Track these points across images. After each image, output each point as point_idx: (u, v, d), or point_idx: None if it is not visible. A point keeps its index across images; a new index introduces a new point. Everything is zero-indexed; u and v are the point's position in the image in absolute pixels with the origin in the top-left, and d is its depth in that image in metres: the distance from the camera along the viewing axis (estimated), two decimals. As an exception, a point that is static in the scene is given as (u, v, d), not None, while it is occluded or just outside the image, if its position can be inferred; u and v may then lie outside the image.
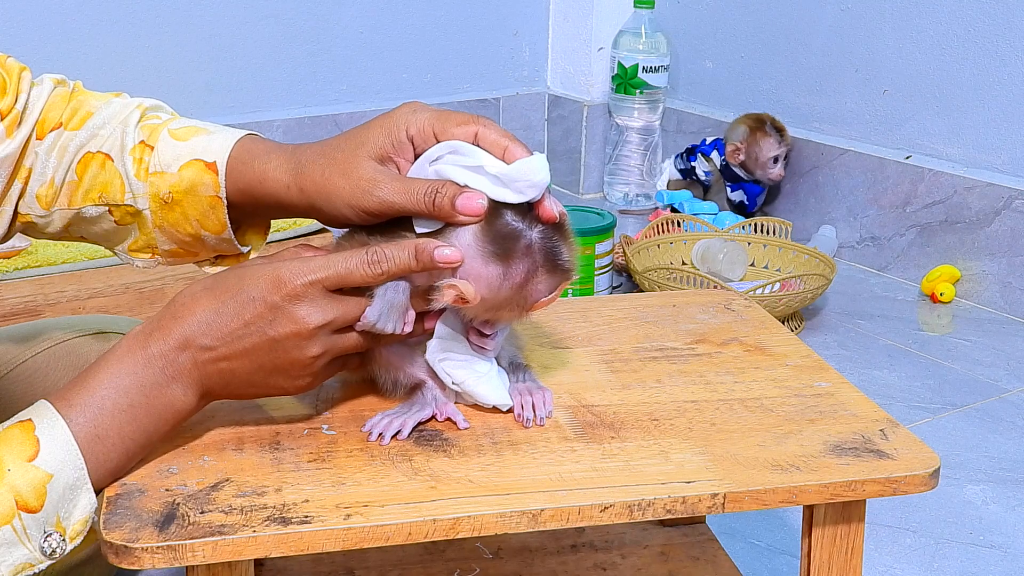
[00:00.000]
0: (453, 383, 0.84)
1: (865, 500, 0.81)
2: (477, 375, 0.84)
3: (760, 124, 2.40)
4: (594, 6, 2.70)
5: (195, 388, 0.79)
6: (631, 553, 1.07)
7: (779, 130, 2.38)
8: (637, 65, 2.60)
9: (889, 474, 0.79)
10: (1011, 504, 1.44)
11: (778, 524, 1.39)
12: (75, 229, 0.96)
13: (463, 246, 0.79)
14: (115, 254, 0.97)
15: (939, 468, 0.80)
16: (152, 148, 0.92)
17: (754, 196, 2.43)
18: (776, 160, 2.39)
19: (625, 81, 2.62)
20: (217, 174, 0.89)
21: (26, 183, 0.95)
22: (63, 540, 0.74)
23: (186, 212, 0.90)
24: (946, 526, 1.39)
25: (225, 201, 0.88)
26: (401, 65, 2.62)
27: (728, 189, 2.46)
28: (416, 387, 0.86)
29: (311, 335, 0.78)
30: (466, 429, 0.83)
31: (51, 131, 0.95)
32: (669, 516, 0.76)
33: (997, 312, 2.07)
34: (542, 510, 0.73)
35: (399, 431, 0.82)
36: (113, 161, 0.93)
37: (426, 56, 2.64)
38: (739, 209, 2.45)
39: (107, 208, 0.93)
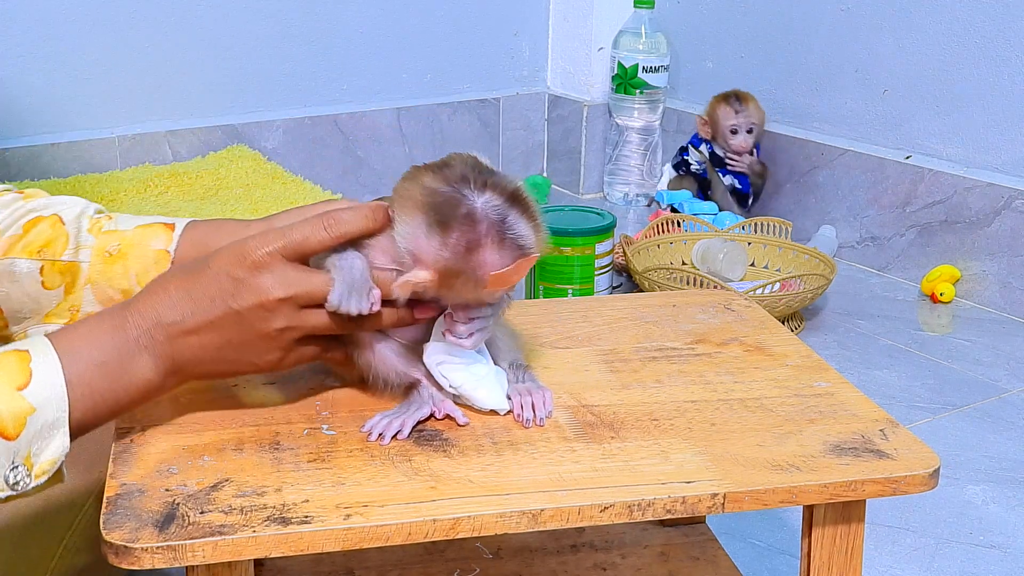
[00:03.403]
0: (450, 386, 0.84)
1: (865, 500, 0.81)
2: (475, 378, 0.84)
3: (723, 97, 2.45)
4: (594, 6, 2.70)
5: (164, 362, 0.79)
6: (631, 553, 1.07)
7: (740, 99, 2.42)
8: (637, 65, 2.60)
9: (889, 474, 0.79)
10: (1011, 504, 1.44)
11: (778, 524, 1.39)
12: None
13: (414, 222, 0.79)
14: (9, 333, 0.98)
15: (939, 468, 0.80)
16: (111, 218, 0.96)
17: (745, 179, 2.47)
18: (735, 131, 2.42)
19: (625, 81, 2.62)
20: (173, 230, 0.92)
21: None
22: (28, 475, 0.74)
23: (127, 266, 0.92)
24: (946, 526, 1.39)
25: (172, 255, 0.91)
26: (401, 65, 2.62)
27: (720, 175, 2.48)
28: (412, 386, 0.86)
29: (274, 307, 0.79)
30: (465, 426, 0.83)
31: (6, 194, 0.98)
32: (669, 516, 0.76)
33: (997, 312, 2.07)
34: (542, 510, 0.73)
35: (399, 431, 0.82)
36: (64, 224, 0.96)
37: (426, 56, 2.64)
38: (737, 195, 2.47)
39: (40, 266, 0.94)
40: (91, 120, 2.27)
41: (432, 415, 0.84)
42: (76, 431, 0.77)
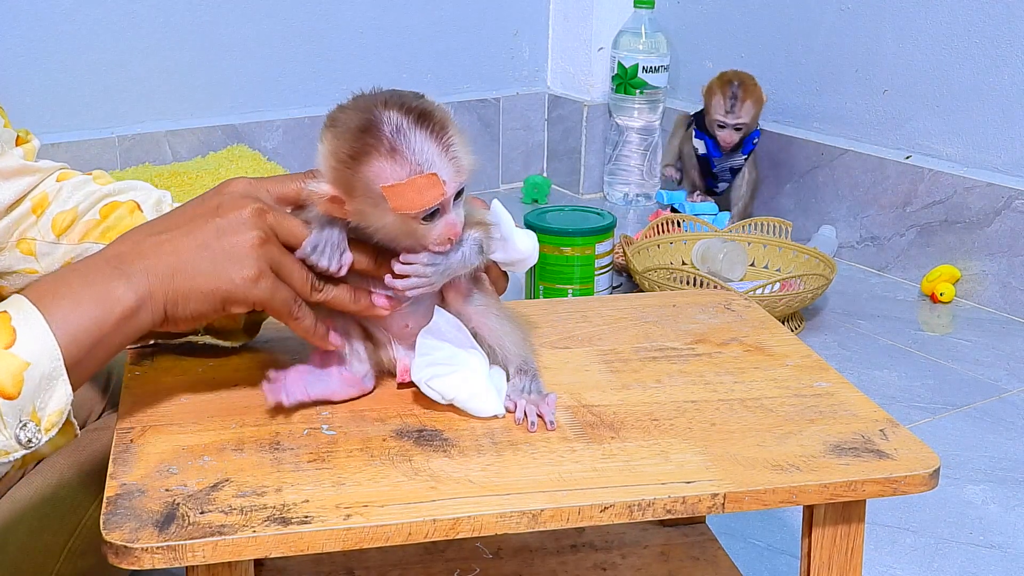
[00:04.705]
0: (443, 399, 0.84)
1: (865, 500, 0.81)
2: (468, 386, 0.84)
3: (724, 84, 2.38)
4: (594, 6, 2.70)
5: (138, 281, 0.78)
6: (631, 553, 1.07)
7: (736, 96, 2.35)
8: (637, 65, 2.60)
9: (889, 474, 0.79)
10: (1011, 504, 1.44)
11: (778, 524, 1.39)
12: None
13: (323, 142, 0.81)
14: None
15: (939, 468, 0.80)
16: None
17: (713, 149, 2.44)
18: (723, 127, 2.38)
19: (625, 81, 2.62)
20: None
21: (41, 214, 0.98)
22: (38, 430, 0.74)
23: None
24: (946, 526, 1.39)
25: None
26: (401, 65, 2.62)
27: (694, 135, 2.47)
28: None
29: (253, 215, 0.80)
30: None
31: (73, 176, 1.00)
32: (669, 516, 0.76)
33: (997, 312, 2.07)
34: (542, 510, 0.73)
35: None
36: (143, 211, 0.97)
37: (426, 56, 2.64)
38: (704, 164, 2.46)
39: None
40: (91, 120, 2.27)
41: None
42: (75, 379, 0.76)
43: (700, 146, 2.46)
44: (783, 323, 1.69)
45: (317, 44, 2.50)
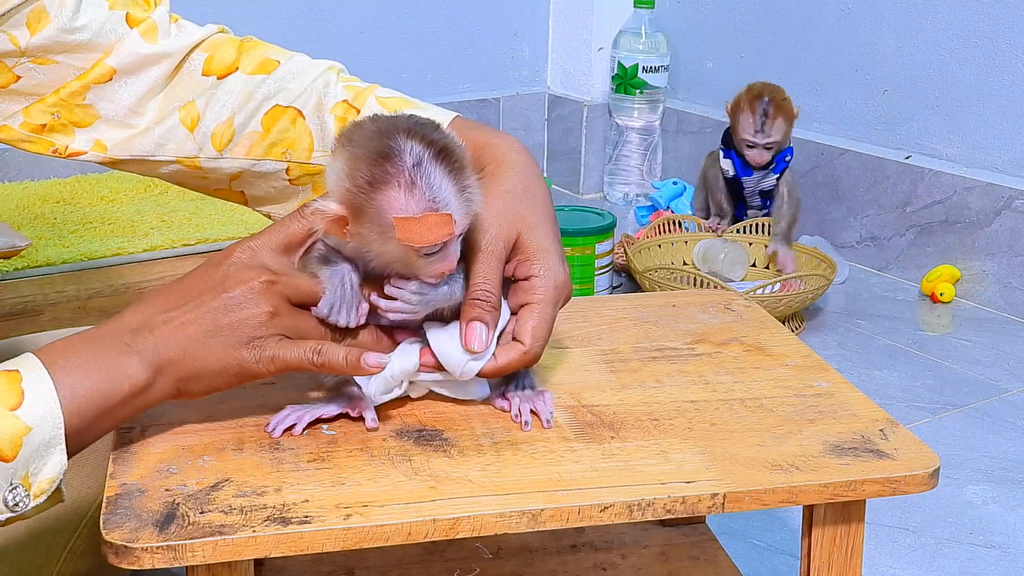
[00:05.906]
0: (416, 369, 0.83)
1: (865, 500, 0.81)
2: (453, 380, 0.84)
3: (753, 100, 2.18)
4: (594, 6, 2.70)
5: (149, 358, 0.77)
6: (631, 553, 1.07)
7: (767, 114, 2.16)
8: (637, 65, 2.60)
9: (889, 474, 0.79)
10: (1011, 504, 1.44)
11: (778, 524, 1.39)
12: (238, 183, 0.95)
13: (338, 160, 0.79)
14: (262, 214, 0.97)
15: (939, 468, 0.80)
16: (358, 111, 0.92)
17: (741, 168, 2.23)
18: (752, 146, 2.17)
19: (625, 81, 2.62)
20: None
21: (195, 128, 0.94)
22: (27, 495, 0.73)
23: None
24: (946, 526, 1.39)
25: None
26: (401, 65, 2.62)
27: (721, 153, 2.26)
28: (342, 384, 0.85)
29: (262, 289, 0.78)
30: (374, 429, 0.82)
31: (228, 74, 0.96)
32: (669, 516, 0.76)
33: (997, 312, 2.07)
34: (542, 510, 0.73)
35: (294, 425, 0.82)
36: (305, 119, 0.93)
37: (426, 56, 2.64)
38: (733, 186, 2.26)
39: (286, 166, 0.92)
40: (91, 120, 2.27)
41: (346, 414, 0.83)
42: (73, 447, 0.75)
43: (728, 166, 2.24)
44: (784, 323, 1.69)
45: (317, 44, 2.50)
